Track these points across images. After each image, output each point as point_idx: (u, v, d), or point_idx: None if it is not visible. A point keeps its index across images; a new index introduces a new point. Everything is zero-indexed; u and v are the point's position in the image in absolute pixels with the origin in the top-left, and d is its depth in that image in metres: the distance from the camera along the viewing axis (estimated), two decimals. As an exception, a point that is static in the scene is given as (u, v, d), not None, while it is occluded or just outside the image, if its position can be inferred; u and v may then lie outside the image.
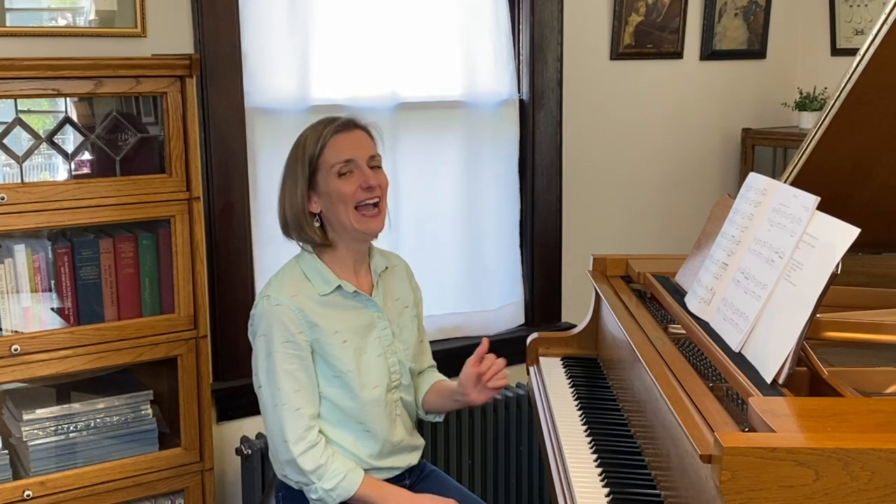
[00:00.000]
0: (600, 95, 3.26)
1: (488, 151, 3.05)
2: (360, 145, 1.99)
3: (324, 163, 1.96)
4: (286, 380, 1.95)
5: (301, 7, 2.67)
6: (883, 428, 1.29)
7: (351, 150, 1.97)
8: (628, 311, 2.14)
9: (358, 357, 2.01)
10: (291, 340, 1.95)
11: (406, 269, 2.21)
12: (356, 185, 1.95)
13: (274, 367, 1.95)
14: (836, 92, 1.94)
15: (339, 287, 2.00)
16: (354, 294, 2.02)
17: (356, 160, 1.96)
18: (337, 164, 1.95)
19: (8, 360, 2.13)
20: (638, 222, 3.42)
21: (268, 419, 1.99)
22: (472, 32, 2.95)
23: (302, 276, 2.01)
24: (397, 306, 2.13)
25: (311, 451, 1.95)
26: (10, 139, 2.16)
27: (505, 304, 3.15)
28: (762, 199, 1.82)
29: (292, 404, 1.95)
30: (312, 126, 2.02)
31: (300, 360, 1.96)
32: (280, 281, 2.01)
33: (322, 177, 1.97)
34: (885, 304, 1.95)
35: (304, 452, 1.94)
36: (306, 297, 1.98)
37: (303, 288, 1.99)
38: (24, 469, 2.25)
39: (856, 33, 3.48)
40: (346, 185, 1.95)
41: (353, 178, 1.96)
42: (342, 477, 1.95)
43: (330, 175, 1.96)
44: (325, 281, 2.00)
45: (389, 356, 2.06)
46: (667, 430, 1.63)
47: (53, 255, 2.21)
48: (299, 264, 2.04)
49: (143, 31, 2.40)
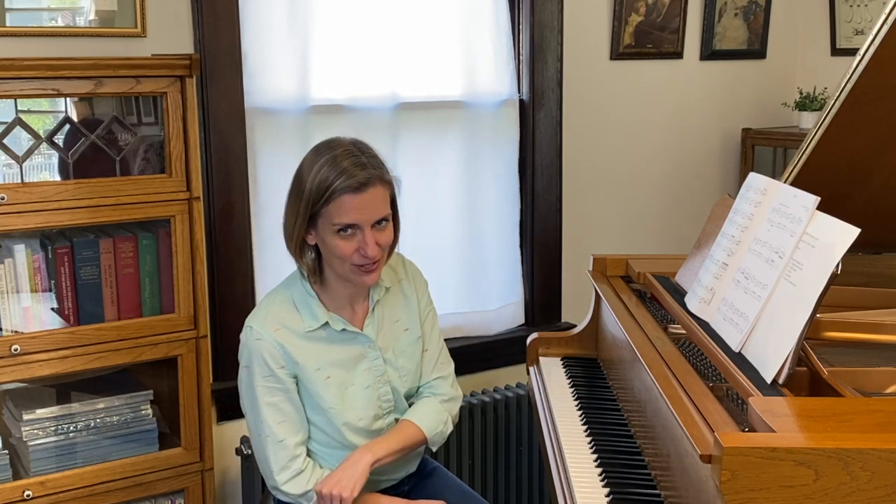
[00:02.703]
0: (600, 95, 3.26)
1: (488, 151, 3.05)
2: (368, 209, 1.84)
3: (326, 214, 1.84)
4: (268, 412, 1.92)
5: (301, 7, 2.67)
6: (883, 428, 1.29)
7: (358, 214, 1.83)
8: (628, 311, 2.14)
9: (343, 390, 1.96)
10: (272, 375, 1.91)
11: (407, 274, 2.11)
12: (355, 247, 1.85)
13: (256, 401, 1.92)
14: (836, 92, 1.94)
15: (327, 324, 1.94)
16: (342, 332, 1.96)
17: (360, 225, 1.84)
18: (338, 224, 1.84)
19: (8, 360, 2.13)
20: (638, 222, 3.42)
21: (253, 444, 1.99)
22: (472, 32, 2.95)
23: (291, 305, 1.95)
24: (395, 330, 2.05)
25: (296, 479, 1.94)
26: (10, 139, 2.16)
27: (505, 304, 3.15)
28: (762, 199, 1.82)
29: (275, 436, 1.92)
30: (327, 161, 1.85)
31: (283, 393, 1.93)
32: (266, 309, 1.95)
33: (322, 225, 1.86)
34: (885, 304, 1.95)
35: (287, 481, 1.93)
36: (290, 332, 1.92)
37: (289, 320, 1.93)
38: (24, 469, 2.25)
39: (856, 33, 3.48)
40: (345, 246, 1.85)
41: (354, 240, 1.85)
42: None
43: (329, 230, 1.85)
44: (313, 316, 1.94)
45: (381, 386, 2.00)
46: (667, 430, 1.63)
47: (53, 255, 2.21)
48: (290, 291, 1.97)
49: (143, 31, 2.40)
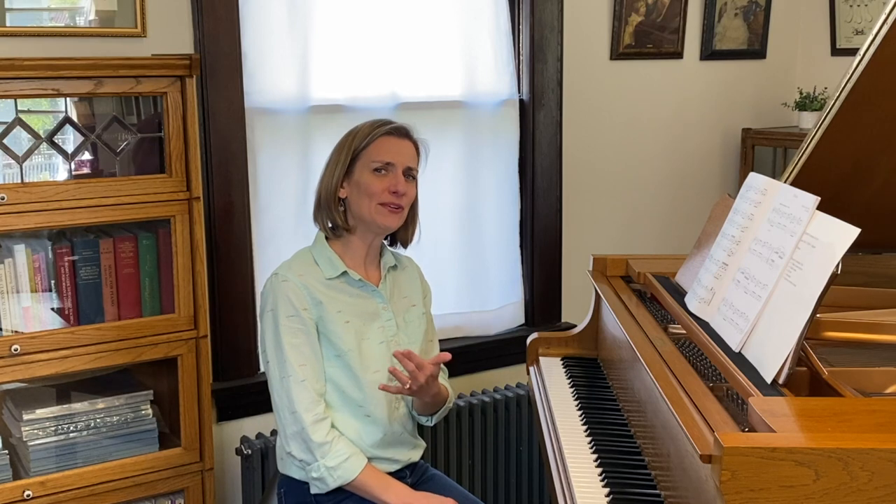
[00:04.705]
0: (600, 95, 3.26)
1: (488, 151, 3.05)
2: (403, 153, 2.09)
3: (365, 155, 2.07)
4: (292, 353, 2.01)
5: (301, 7, 2.67)
6: (883, 428, 1.29)
7: (394, 154, 2.07)
8: (628, 311, 2.14)
9: (359, 340, 2.07)
10: (297, 315, 2.02)
11: (417, 271, 2.28)
12: (386, 185, 2.05)
13: (280, 340, 2.02)
14: (836, 92, 1.94)
15: (345, 273, 2.08)
16: (360, 282, 2.10)
17: (395, 164, 2.07)
18: (376, 162, 2.06)
19: (8, 360, 2.13)
20: (638, 222, 3.42)
21: (275, 393, 2.04)
22: (472, 32, 2.95)
23: (311, 260, 2.11)
24: (404, 303, 2.19)
25: (321, 423, 2.00)
26: (10, 139, 2.16)
27: (505, 304, 3.15)
28: (762, 199, 1.82)
29: (298, 376, 2.01)
30: (371, 121, 2.13)
31: (305, 335, 2.03)
32: (289, 263, 2.11)
33: (359, 167, 2.07)
34: (885, 304, 1.95)
35: (313, 423, 1.99)
36: (313, 278, 2.07)
37: (310, 270, 2.08)
38: (24, 469, 2.25)
39: (856, 33, 3.48)
40: (376, 183, 2.05)
41: (386, 178, 2.06)
42: (346, 458, 1.99)
43: (366, 168, 2.06)
44: (333, 266, 2.09)
45: (393, 346, 2.10)
46: (667, 430, 1.63)
47: (53, 255, 2.21)
48: (311, 251, 2.13)
49: (143, 31, 2.40)
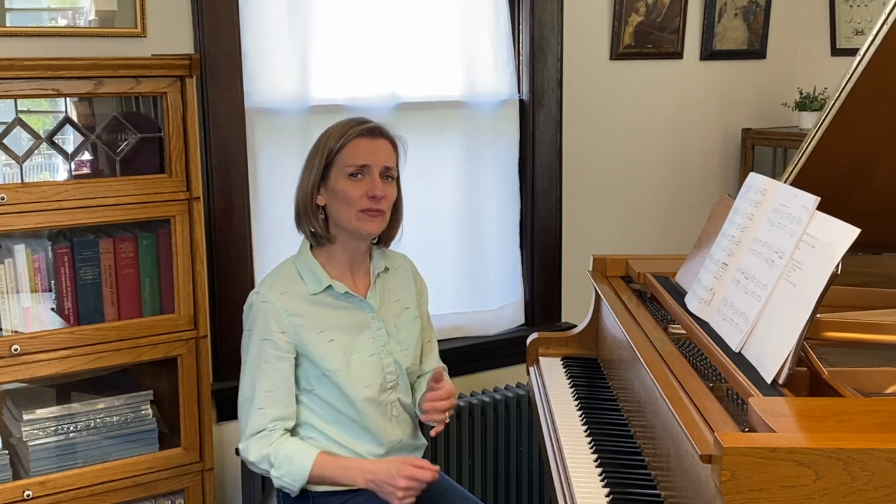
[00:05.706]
0: (600, 95, 3.26)
1: (488, 151, 3.05)
2: (378, 153, 2.00)
3: (339, 159, 1.99)
4: (261, 377, 1.98)
5: (301, 7, 2.67)
6: (883, 428, 1.29)
7: (368, 155, 1.99)
8: (628, 311, 2.14)
9: (348, 356, 2.01)
10: (269, 339, 1.97)
11: (411, 269, 2.21)
12: (363, 191, 1.97)
13: (253, 361, 1.99)
14: (836, 92, 1.94)
15: (330, 287, 2.02)
16: (346, 295, 2.03)
17: (370, 167, 1.98)
18: (350, 166, 1.98)
19: (8, 360, 2.13)
20: (638, 222, 3.42)
21: (238, 408, 2.03)
22: (472, 32, 2.95)
23: (295, 274, 2.04)
24: (396, 307, 2.13)
25: (257, 442, 1.96)
26: (10, 139, 2.16)
27: (505, 304, 3.15)
28: (762, 199, 1.82)
29: (258, 402, 1.97)
30: (342, 121, 2.04)
31: (276, 361, 1.97)
32: (273, 278, 2.05)
33: (334, 173, 1.99)
34: (885, 304, 1.95)
35: (249, 445, 1.97)
36: (295, 295, 2.00)
37: (293, 286, 2.02)
38: (24, 469, 2.25)
39: (856, 33, 3.48)
40: (353, 189, 1.97)
41: (363, 183, 1.98)
42: (289, 461, 1.94)
43: (341, 174, 1.98)
44: (317, 280, 2.02)
45: (384, 356, 2.06)
46: (667, 430, 1.63)
47: (53, 255, 2.21)
48: (295, 263, 2.06)
49: (143, 31, 2.40)
